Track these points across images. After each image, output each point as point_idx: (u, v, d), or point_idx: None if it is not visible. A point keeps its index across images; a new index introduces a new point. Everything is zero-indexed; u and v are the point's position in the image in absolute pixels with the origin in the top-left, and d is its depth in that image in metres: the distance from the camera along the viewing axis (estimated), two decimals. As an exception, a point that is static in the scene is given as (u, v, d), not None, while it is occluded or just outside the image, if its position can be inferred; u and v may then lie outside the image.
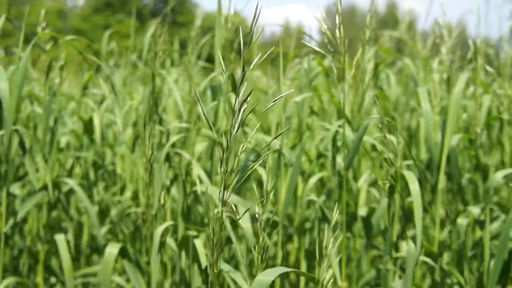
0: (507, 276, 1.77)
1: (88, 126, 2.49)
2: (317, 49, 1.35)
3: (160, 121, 1.94)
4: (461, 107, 1.99)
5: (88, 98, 2.75)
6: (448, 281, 1.87)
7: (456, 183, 1.81)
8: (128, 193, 2.42)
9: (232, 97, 1.77)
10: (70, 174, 2.49)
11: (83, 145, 2.51)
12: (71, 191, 2.28)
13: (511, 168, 1.67)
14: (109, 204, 2.44)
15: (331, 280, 0.99)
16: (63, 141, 2.62)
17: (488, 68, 1.79)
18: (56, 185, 2.09)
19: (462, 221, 1.78)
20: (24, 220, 2.16)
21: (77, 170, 2.66)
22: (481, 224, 1.78)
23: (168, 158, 1.89)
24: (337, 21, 1.33)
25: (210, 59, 2.90)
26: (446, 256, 1.97)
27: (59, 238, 1.94)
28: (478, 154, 1.95)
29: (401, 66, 2.96)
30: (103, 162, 2.56)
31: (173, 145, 1.93)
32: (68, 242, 2.21)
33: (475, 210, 1.74)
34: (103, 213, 2.43)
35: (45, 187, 1.98)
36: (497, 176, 1.58)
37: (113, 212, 2.36)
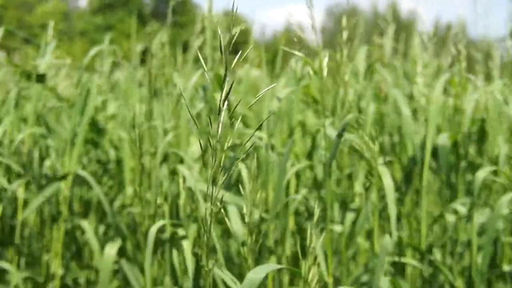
0: (494, 271, 1.80)
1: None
2: (298, 53, 1.39)
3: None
4: (440, 108, 2.02)
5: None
6: (440, 278, 1.90)
7: (445, 181, 1.84)
8: (129, 190, 2.43)
9: (218, 95, 1.78)
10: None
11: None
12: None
13: (493, 166, 1.69)
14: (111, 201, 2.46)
15: (316, 277, 0.98)
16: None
17: (471, 76, 1.83)
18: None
19: (450, 217, 1.80)
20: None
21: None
22: (468, 220, 1.80)
23: (165, 157, 1.91)
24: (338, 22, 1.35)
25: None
26: (436, 253, 1.99)
27: (84, 223, 1.97)
28: (467, 153, 1.98)
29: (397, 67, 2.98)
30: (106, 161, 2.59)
31: (170, 145, 1.95)
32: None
33: (459, 207, 1.76)
34: (103, 211, 2.45)
35: (62, 177, 2.00)
36: (479, 176, 1.60)
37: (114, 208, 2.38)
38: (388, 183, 1.30)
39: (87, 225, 2.01)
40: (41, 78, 2.04)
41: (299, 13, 1.49)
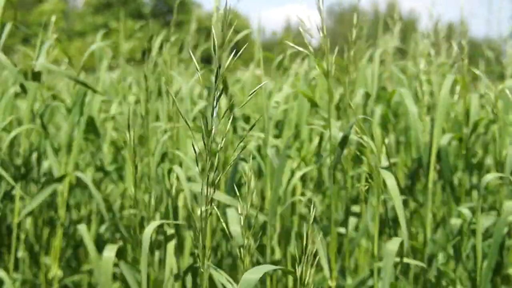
0: (499, 275, 1.77)
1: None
2: (300, 49, 1.36)
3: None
4: (448, 108, 1.98)
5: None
6: (443, 282, 1.86)
7: (447, 182, 1.80)
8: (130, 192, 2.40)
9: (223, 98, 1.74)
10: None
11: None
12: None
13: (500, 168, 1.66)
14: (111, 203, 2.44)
15: (310, 279, 0.94)
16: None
17: (477, 71, 1.78)
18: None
19: (455, 221, 1.77)
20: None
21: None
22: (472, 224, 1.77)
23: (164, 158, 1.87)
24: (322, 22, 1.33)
25: (209, 59, 2.89)
26: (441, 257, 1.95)
27: (82, 228, 1.93)
28: (468, 153, 1.94)
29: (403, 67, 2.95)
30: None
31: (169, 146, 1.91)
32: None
33: (465, 210, 1.72)
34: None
35: (60, 179, 1.97)
36: (486, 179, 1.57)
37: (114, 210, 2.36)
38: (392, 184, 1.26)
39: (84, 228, 1.98)
40: (36, 76, 2.00)
41: (298, 13, 1.46)
